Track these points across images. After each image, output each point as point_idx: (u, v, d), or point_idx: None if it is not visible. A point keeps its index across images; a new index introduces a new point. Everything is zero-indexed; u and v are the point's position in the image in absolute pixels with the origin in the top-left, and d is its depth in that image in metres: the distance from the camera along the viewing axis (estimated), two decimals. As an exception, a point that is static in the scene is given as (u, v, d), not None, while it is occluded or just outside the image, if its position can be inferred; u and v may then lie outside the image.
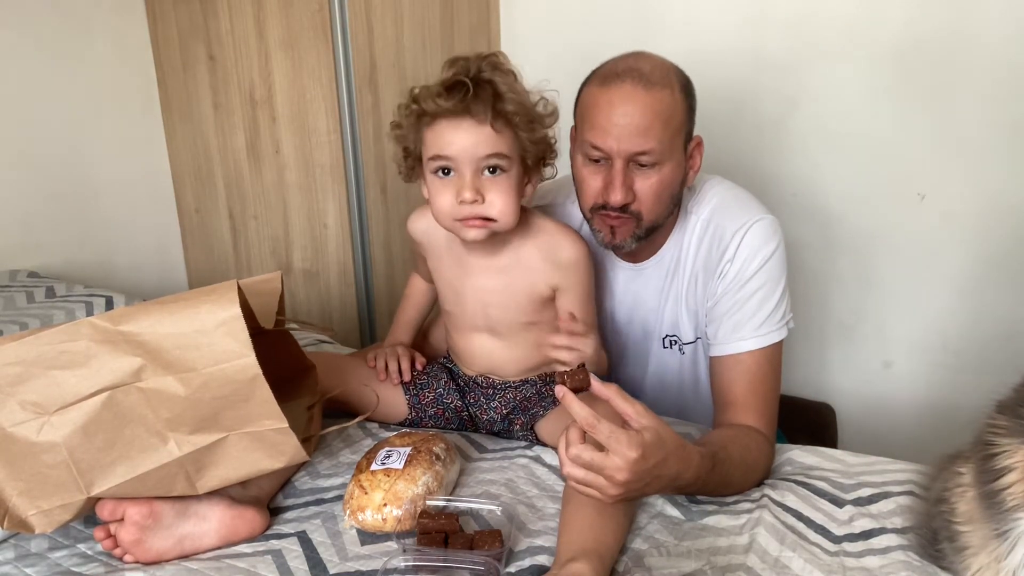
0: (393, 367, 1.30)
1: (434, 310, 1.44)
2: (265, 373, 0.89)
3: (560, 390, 0.89)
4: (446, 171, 1.09)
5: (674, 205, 1.20)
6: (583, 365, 0.92)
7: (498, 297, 1.20)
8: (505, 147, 1.08)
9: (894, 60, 1.62)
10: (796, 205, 1.77)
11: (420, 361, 1.33)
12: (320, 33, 2.10)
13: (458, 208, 1.08)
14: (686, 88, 1.15)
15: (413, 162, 1.15)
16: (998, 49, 1.53)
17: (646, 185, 1.13)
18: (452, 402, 1.29)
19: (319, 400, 1.15)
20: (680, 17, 1.80)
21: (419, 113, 1.09)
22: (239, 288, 0.91)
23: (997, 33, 1.53)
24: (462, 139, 1.06)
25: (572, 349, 1.05)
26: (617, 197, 1.12)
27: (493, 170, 1.08)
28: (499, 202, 1.08)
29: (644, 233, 1.18)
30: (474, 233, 1.10)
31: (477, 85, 1.06)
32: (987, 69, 1.55)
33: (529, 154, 1.12)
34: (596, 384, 0.91)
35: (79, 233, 2.25)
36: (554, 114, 1.14)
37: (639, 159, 1.11)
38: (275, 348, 1.08)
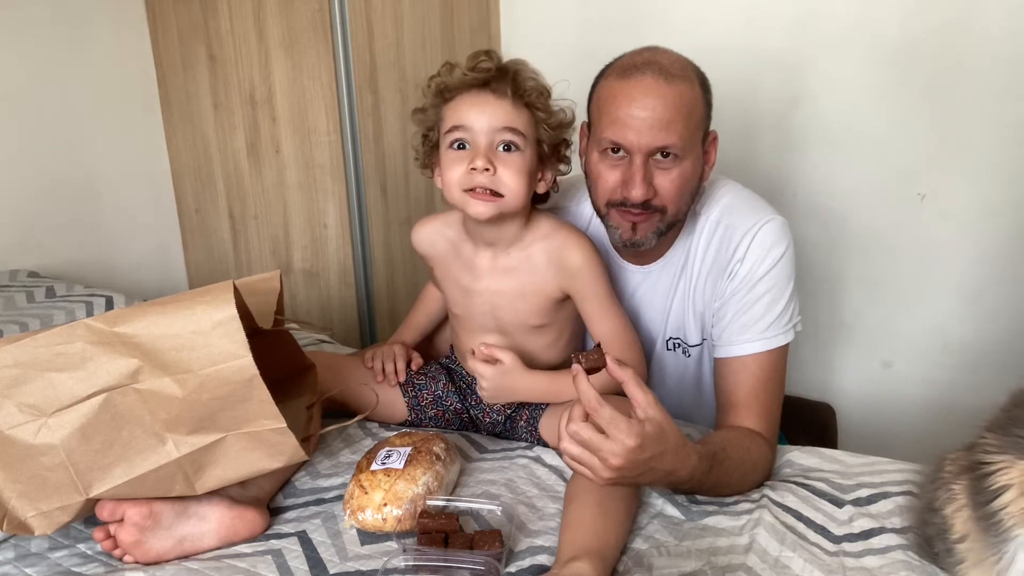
0: (389, 368, 1.29)
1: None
2: (263, 372, 0.89)
3: (575, 368, 0.89)
4: (462, 144, 1.10)
5: (693, 200, 1.17)
6: (599, 345, 0.92)
7: (506, 299, 1.20)
8: (521, 125, 1.09)
9: (895, 59, 1.62)
10: (796, 205, 1.76)
11: (416, 362, 1.32)
12: (320, 33, 2.10)
13: (468, 177, 1.08)
14: (704, 83, 1.13)
15: (430, 147, 1.16)
16: (999, 48, 1.53)
17: (667, 179, 1.10)
18: (451, 404, 1.29)
19: (318, 399, 1.15)
20: (681, 16, 1.80)
21: (441, 87, 1.11)
22: (235, 288, 0.91)
23: (998, 31, 1.52)
24: (480, 111, 1.08)
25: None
26: (638, 193, 1.09)
27: (508, 147, 1.09)
28: (509, 179, 1.09)
29: (666, 228, 1.15)
30: (481, 208, 1.09)
31: (500, 67, 1.09)
32: (988, 68, 1.55)
33: (545, 139, 1.12)
34: (612, 365, 0.90)
35: (79, 233, 2.25)
36: (572, 121, 1.15)
37: (660, 153, 1.09)
38: (274, 347, 1.08)
